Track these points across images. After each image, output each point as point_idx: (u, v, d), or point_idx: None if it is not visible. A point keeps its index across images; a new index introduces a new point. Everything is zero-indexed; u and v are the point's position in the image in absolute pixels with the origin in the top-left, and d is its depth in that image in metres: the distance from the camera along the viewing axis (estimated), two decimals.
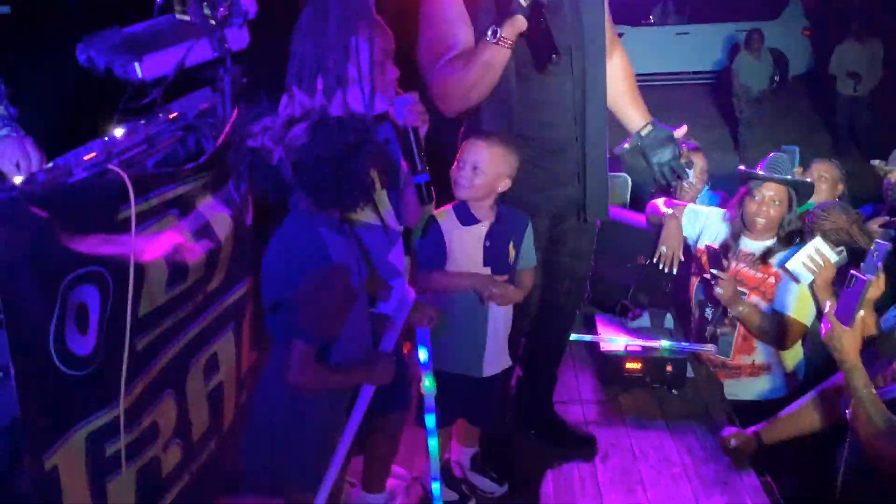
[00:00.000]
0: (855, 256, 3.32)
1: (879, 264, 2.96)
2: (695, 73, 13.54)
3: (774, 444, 3.20)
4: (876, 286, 3.05)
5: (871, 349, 3.08)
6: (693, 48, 13.43)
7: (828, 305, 2.79)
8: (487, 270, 2.99)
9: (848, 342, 2.65)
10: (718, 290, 3.68)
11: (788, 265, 3.49)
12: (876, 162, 4.44)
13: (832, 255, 3.40)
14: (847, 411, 2.70)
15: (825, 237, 3.49)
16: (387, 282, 2.72)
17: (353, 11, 2.49)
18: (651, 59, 13.36)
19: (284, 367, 2.32)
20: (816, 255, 3.39)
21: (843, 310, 2.70)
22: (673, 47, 13.51)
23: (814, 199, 3.94)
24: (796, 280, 3.54)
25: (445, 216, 2.97)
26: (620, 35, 12.41)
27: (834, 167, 4.51)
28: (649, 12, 13.88)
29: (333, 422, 2.52)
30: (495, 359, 3.11)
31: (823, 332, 2.74)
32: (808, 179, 4.04)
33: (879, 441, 2.55)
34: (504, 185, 2.92)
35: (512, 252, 3.02)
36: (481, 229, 2.97)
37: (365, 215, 2.64)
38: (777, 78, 13.19)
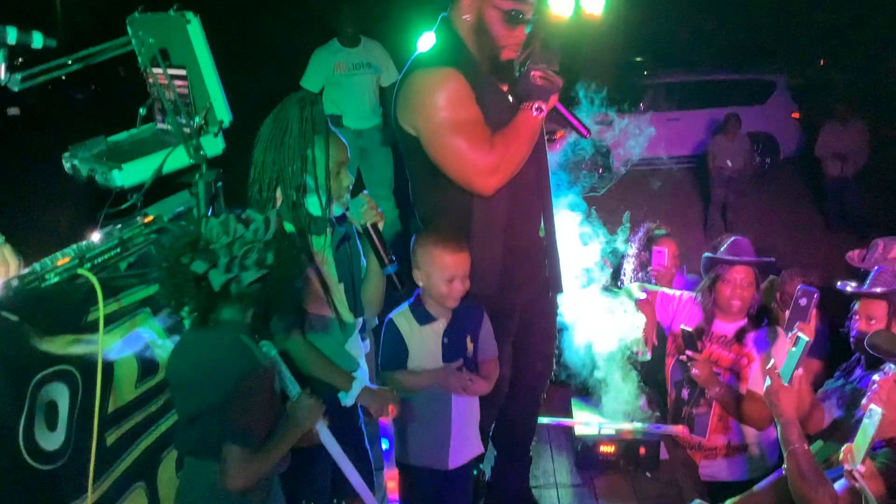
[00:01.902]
0: None
1: (813, 311, 3.05)
2: (686, 156, 13.78)
3: None
4: (807, 331, 3.13)
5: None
6: (684, 133, 13.70)
7: (770, 362, 2.91)
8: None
9: (786, 398, 2.80)
10: (695, 372, 3.77)
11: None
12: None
13: None
14: None
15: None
16: (349, 373, 2.81)
17: (310, 125, 2.65)
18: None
19: (220, 475, 2.23)
20: None
21: (786, 367, 2.86)
22: (664, 133, 13.78)
23: None
24: None
25: (402, 317, 3.06)
26: (612, 122, 12.59)
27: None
28: (640, 100, 14.22)
29: None
30: (462, 449, 3.16)
31: (764, 387, 2.88)
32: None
33: (808, 493, 2.66)
34: None
35: (470, 346, 3.11)
36: (438, 326, 3.06)
37: (319, 310, 2.76)
38: (768, 160, 13.53)
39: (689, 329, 3.87)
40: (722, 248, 4.01)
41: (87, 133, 2.95)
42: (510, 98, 3.07)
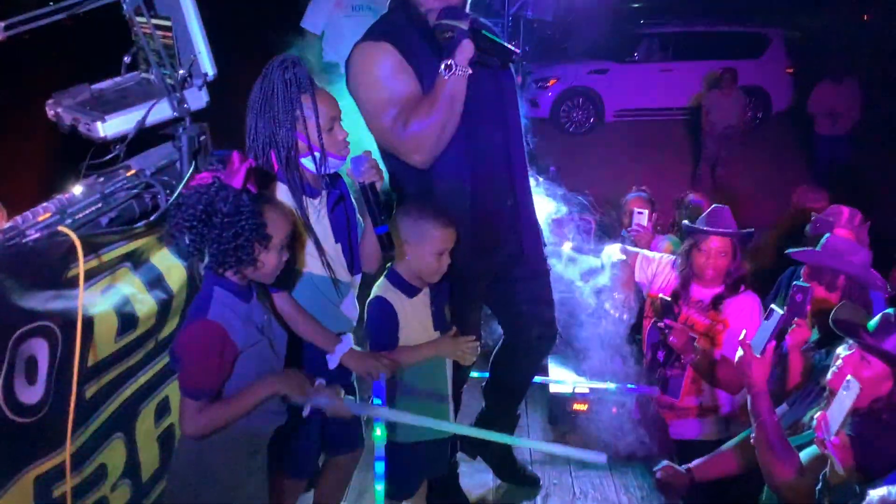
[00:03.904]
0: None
1: (807, 308, 3.11)
2: (678, 109, 13.75)
3: (707, 482, 3.33)
4: (806, 328, 3.21)
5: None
6: (677, 85, 13.67)
7: (743, 333, 2.96)
8: (437, 334, 3.11)
9: (757, 369, 2.84)
10: (672, 339, 3.83)
11: None
12: None
13: None
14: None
15: None
16: (335, 335, 2.85)
17: (295, 87, 2.65)
18: (635, 95, 13.68)
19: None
20: None
21: (758, 339, 2.90)
22: (657, 84, 13.75)
23: None
24: None
25: (390, 293, 3.05)
26: (605, 71, 12.65)
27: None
28: (634, 50, 14.13)
29: (240, 477, 2.55)
30: (453, 413, 3.24)
31: (736, 357, 2.93)
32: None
33: (775, 463, 2.73)
34: None
35: (447, 312, 3.16)
36: (424, 298, 3.09)
37: (313, 268, 2.80)
38: (759, 115, 13.52)
39: (667, 297, 3.92)
40: (703, 217, 4.03)
41: (69, 72, 2.93)
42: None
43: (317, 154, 2.70)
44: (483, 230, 3.17)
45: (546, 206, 3.98)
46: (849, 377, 2.64)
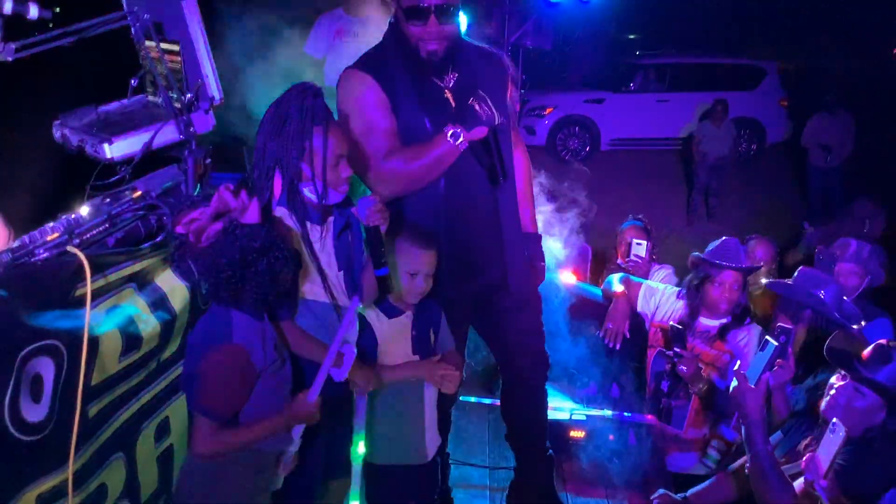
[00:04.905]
0: None
1: (790, 349, 3.13)
2: (673, 139, 13.86)
3: None
4: (787, 368, 3.24)
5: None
6: (673, 115, 13.80)
7: (737, 363, 2.97)
8: (416, 358, 3.12)
9: (752, 399, 2.86)
10: (682, 368, 3.84)
11: None
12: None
13: None
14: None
15: None
16: (339, 351, 2.86)
17: (309, 118, 2.63)
18: (631, 124, 13.80)
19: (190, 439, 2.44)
20: None
21: (752, 370, 2.93)
22: (653, 114, 13.87)
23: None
24: None
25: (370, 311, 3.08)
26: (602, 101, 12.74)
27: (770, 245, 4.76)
28: (630, 80, 14.26)
29: (247, 494, 2.56)
30: (434, 440, 3.23)
31: (731, 388, 2.95)
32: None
33: (770, 493, 2.74)
34: None
35: (432, 338, 3.17)
36: (406, 320, 3.11)
37: (315, 294, 2.80)
38: (754, 146, 13.61)
39: (679, 326, 3.93)
40: (711, 248, 4.04)
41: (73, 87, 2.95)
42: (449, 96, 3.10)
43: (319, 185, 2.68)
44: (459, 256, 3.18)
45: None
46: (835, 420, 2.66)
